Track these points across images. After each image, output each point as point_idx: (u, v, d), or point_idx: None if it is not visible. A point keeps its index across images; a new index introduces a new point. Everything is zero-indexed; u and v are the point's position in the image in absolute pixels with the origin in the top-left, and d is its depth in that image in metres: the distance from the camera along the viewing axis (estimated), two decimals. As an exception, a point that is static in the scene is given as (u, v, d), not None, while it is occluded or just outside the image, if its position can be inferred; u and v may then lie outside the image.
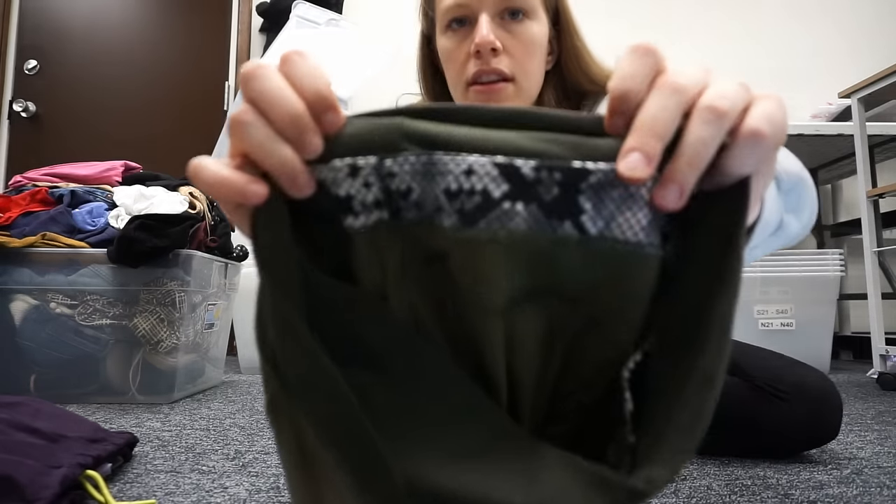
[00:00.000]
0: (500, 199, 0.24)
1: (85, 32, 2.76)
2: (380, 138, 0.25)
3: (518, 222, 0.24)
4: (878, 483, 0.71)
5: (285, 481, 0.70)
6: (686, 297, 0.25)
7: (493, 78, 0.68)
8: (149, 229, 1.26)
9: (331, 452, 0.24)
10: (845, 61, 2.66)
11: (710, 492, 0.67)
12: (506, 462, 0.25)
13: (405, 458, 0.24)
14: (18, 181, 1.47)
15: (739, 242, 0.24)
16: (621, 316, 0.26)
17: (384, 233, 0.25)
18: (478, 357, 0.26)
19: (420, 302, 0.26)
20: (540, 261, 0.25)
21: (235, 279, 1.66)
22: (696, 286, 0.25)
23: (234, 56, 2.78)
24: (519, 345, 0.26)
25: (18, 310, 1.28)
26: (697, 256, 0.25)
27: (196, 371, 1.47)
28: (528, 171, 0.24)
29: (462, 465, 0.25)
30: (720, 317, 0.24)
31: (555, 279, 0.25)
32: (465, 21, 0.69)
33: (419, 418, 0.26)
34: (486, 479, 0.24)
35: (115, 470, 0.73)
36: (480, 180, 0.24)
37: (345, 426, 0.24)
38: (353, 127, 0.25)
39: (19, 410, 0.72)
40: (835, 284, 2.03)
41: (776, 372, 0.87)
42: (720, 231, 0.24)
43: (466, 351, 0.26)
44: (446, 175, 0.24)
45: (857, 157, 1.82)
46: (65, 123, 2.70)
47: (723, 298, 0.24)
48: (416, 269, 0.26)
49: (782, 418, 0.83)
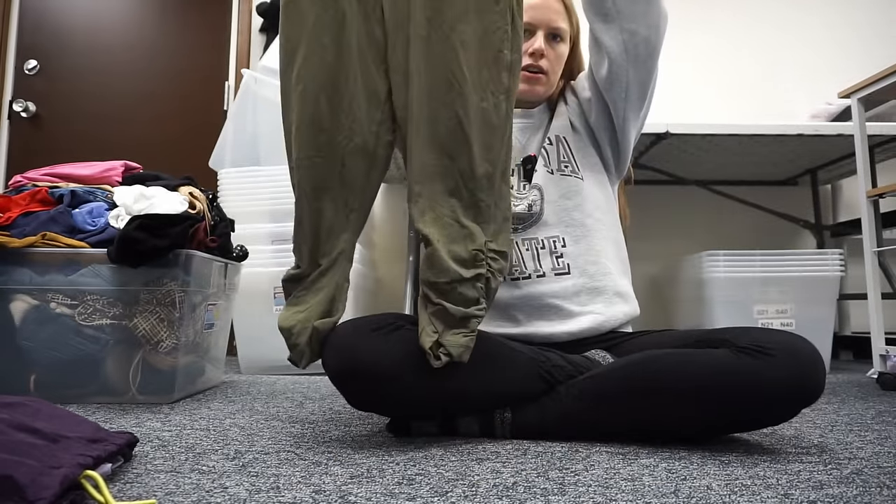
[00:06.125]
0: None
1: (85, 32, 2.76)
2: None
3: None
4: (878, 483, 0.71)
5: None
6: None
7: (535, 70, 1.18)
8: (149, 229, 1.26)
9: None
10: (845, 61, 2.66)
11: (710, 492, 0.67)
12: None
13: None
14: (18, 181, 1.47)
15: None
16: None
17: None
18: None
19: None
20: None
21: (235, 279, 1.66)
22: None
23: (234, 56, 2.79)
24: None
25: (18, 310, 1.28)
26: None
27: (196, 371, 1.47)
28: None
29: None
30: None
31: None
32: (531, 33, 1.18)
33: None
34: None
35: (115, 470, 0.73)
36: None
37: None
38: None
39: (19, 410, 0.72)
40: (835, 284, 2.03)
41: (763, 336, 0.89)
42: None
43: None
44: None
45: (857, 157, 1.82)
46: (65, 123, 2.70)
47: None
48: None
49: (767, 371, 0.84)
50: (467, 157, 0.90)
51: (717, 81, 2.74)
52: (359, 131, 0.93)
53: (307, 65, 0.92)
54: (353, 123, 0.93)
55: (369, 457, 0.83)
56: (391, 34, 0.94)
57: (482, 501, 0.63)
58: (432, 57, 0.90)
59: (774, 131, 2.05)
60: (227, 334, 1.69)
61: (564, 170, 1.15)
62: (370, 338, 0.88)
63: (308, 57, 0.92)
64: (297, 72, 0.93)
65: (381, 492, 0.66)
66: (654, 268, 2.51)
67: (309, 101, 0.92)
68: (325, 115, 0.92)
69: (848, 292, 2.31)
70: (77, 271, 1.29)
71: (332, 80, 0.92)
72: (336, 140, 0.93)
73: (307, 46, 0.92)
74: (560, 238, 1.12)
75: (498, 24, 0.91)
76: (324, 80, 0.92)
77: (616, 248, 1.17)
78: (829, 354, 2.05)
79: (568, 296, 1.09)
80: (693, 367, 0.88)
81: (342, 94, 0.92)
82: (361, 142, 0.94)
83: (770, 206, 2.51)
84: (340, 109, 0.92)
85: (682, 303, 2.31)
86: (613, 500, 0.64)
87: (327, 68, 0.92)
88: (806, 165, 2.49)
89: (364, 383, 0.88)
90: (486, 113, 0.90)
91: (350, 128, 0.93)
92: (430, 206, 0.91)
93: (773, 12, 2.82)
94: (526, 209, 1.13)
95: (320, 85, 0.92)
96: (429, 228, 0.90)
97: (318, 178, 0.93)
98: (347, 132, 0.93)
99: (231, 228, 1.59)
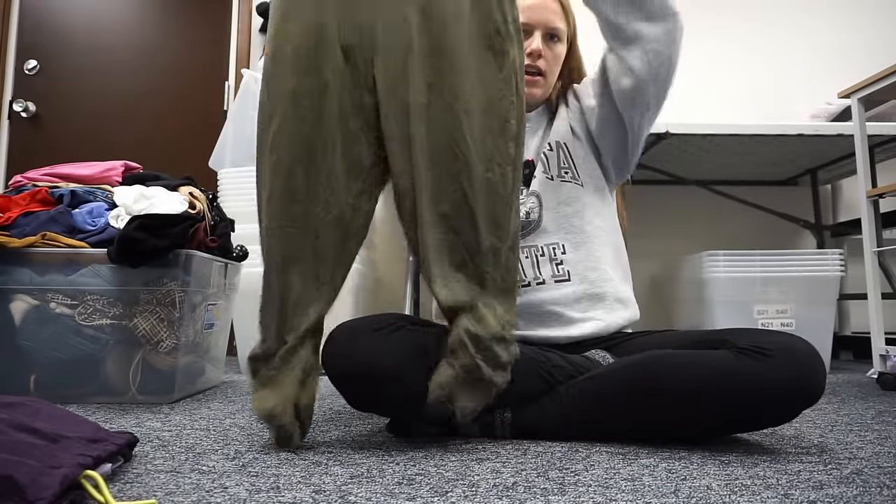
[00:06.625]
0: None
1: (85, 32, 2.76)
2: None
3: None
4: (878, 483, 0.71)
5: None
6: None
7: (533, 71, 1.17)
8: (149, 229, 1.26)
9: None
10: (845, 61, 2.66)
11: (710, 492, 0.67)
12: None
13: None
14: (18, 181, 1.47)
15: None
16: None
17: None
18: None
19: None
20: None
21: (235, 279, 1.66)
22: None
23: (234, 56, 2.78)
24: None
25: (18, 310, 1.28)
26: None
27: (196, 371, 1.47)
28: None
29: None
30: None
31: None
32: (528, 34, 1.16)
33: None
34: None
35: (115, 470, 0.73)
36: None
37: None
38: None
39: (19, 410, 0.72)
40: (835, 284, 2.03)
41: (762, 337, 0.88)
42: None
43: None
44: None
45: (857, 157, 1.82)
46: (65, 123, 2.70)
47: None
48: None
49: (767, 372, 0.84)
50: (472, 232, 0.86)
51: (716, 81, 2.74)
52: (335, 203, 0.89)
53: (282, 133, 0.88)
54: (330, 196, 0.89)
55: (369, 457, 0.83)
56: (384, 101, 0.89)
57: (482, 501, 0.63)
58: (434, 124, 0.86)
59: (774, 131, 2.05)
60: (227, 334, 1.69)
61: (565, 176, 1.14)
62: (370, 338, 0.88)
63: (283, 125, 0.88)
64: (271, 140, 0.89)
65: (381, 492, 0.66)
66: (654, 268, 2.51)
67: (282, 173, 0.88)
68: (301, 188, 0.88)
69: (848, 292, 2.30)
70: (77, 271, 1.29)
71: (308, 152, 0.88)
72: (312, 212, 0.88)
73: (283, 115, 0.88)
74: (560, 245, 1.11)
75: (503, 93, 0.88)
76: (299, 152, 0.88)
77: (616, 253, 1.16)
78: (829, 354, 2.05)
79: (568, 303, 1.08)
80: (693, 368, 0.88)
81: (319, 167, 0.88)
82: (338, 213, 0.89)
83: (770, 206, 2.50)
84: (318, 182, 0.88)
85: (682, 303, 2.31)
86: (613, 500, 0.64)
87: (304, 139, 0.88)
88: (806, 165, 2.49)
89: (364, 384, 0.88)
90: (491, 184, 0.87)
91: (327, 200, 0.89)
92: (445, 283, 0.87)
93: (773, 12, 2.82)
94: (523, 216, 1.12)
95: (295, 157, 0.88)
96: (455, 299, 0.86)
97: (290, 248, 0.89)
98: (324, 205, 0.89)
99: (231, 228, 1.59)
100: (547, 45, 1.17)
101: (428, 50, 0.87)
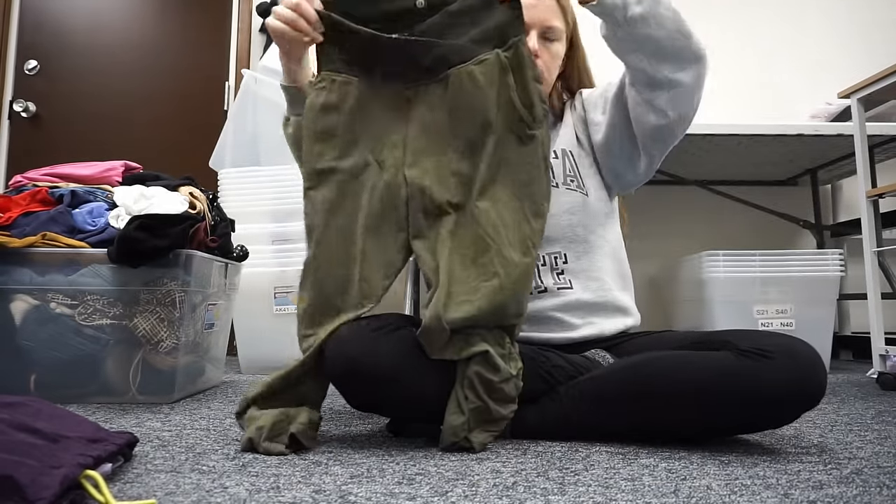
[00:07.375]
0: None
1: (85, 32, 2.76)
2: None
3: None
4: (878, 483, 0.71)
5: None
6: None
7: None
8: (149, 229, 1.26)
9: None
10: (844, 61, 2.66)
11: (710, 492, 0.67)
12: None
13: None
14: (18, 181, 1.47)
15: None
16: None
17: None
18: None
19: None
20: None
21: (235, 279, 1.66)
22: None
23: (234, 56, 2.79)
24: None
25: (18, 310, 1.28)
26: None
27: (196, 371, 1.47)
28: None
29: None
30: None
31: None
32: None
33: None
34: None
35: (115, 470, 0.73)
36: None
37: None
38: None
39: (19, 410, 0.72)
40: (835, 284, 2.03)
41: (762, 339, 0.88)
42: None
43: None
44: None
45: (857, 158, 1.82)
46: (65, 123, 2.70)
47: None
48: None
49: (766, 373, 0.84)
50: (503, 319, 0.90)
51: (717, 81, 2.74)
52: (371, 297, 0.93)
53: (322, 250, 0.93)
54: (363, 299, 0.92)
55: (369, 457, 0.83)
56: (413, 199, 0.93)
57: (482, 501, 0.63)
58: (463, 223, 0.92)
59: (774, 131, 2.05)
60: (228, 334, 1.69)
61: (570, 184, 1.12)
62: (370, 339, 0.88)
63: (322, 242, 0.93)
64: (313, 252, 0.94)
65: (381, 492, 0.66)
66: (654, 268, 2.51)
67: (324, 284, 0.93)
68: (336, 300, 0.92)
69: (848, 292, 2.31)
70: (77, 271, 1.29)
71: (345, 271, 0.92)
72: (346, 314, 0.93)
73: (322, 232, 0.93)
74: (562, 254, 1.10)
75: (533, 175, 0.93)
76: (336, 270, 0.92)
77: (618, 264, 1.15)
78: (829, 354, 2.05)
79: (569, 309, 1.08)
80: (693, 370, 0.88)
81: (352, 279, 0.92)
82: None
83: (770, 206, 2.51)
84: (350, 293, 0.92)
85: (681, 303, 2.31)
86: (613, 500, 0.64)
87: (339, 259, 0.92)
88: (806, 165, 2.49)
89: (364, 384, 0.88)
90: (528, 269, 0.91)
91: (360, 302, 0.92)
92: (467, 340, 0.89)
93: (772, 13, 2.82)
94: None
95: (332, 275, 0.92)
96: (471, 349, 0.89)
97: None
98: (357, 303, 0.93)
99: (231, 228, 1.59)
100: (543, 45, 1.12)
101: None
